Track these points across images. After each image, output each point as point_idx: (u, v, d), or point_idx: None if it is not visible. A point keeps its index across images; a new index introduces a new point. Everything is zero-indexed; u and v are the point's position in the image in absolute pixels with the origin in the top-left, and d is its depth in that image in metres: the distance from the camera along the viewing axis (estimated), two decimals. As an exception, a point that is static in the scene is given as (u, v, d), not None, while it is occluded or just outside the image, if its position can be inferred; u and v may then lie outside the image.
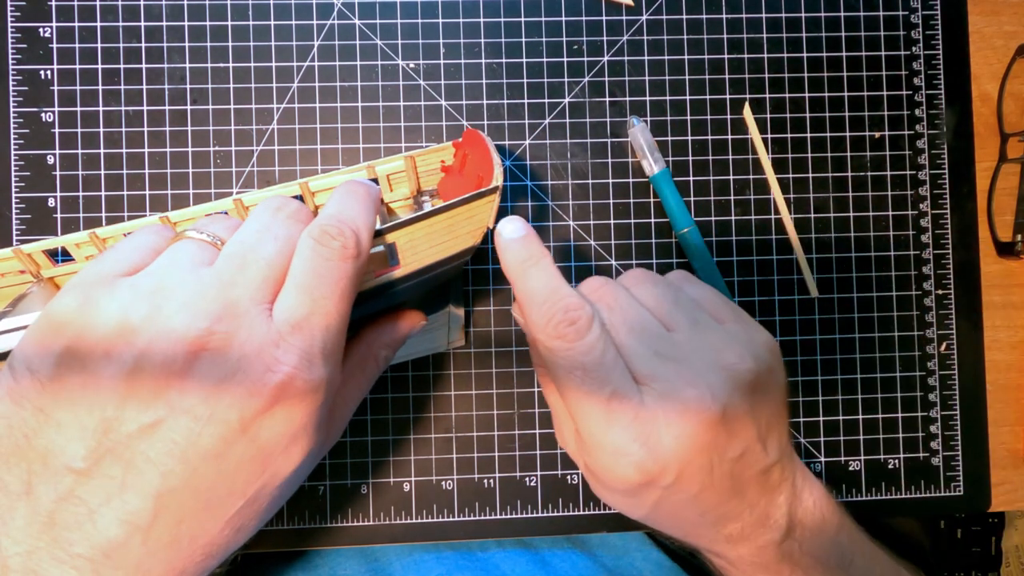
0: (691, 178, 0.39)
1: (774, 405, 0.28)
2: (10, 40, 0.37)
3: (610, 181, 0.39)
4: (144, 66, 0.37)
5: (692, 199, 0.39)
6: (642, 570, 0.40)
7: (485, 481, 0.38)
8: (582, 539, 0.42)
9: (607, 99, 0.39)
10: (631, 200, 0.39)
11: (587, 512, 0.38)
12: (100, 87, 0.37)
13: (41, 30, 0.37)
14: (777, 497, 0.28)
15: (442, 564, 0.38)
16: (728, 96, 0.39)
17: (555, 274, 0.27)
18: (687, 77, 0.39)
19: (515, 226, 0.28)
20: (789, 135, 0.39)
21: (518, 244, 0.28)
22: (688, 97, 0.39)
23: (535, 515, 0.38)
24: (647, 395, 0.26)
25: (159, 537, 0.22)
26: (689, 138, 0.39)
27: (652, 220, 0.39)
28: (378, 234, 0.26)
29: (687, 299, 0.30)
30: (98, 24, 0.37)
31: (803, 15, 0.40)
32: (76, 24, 0.37)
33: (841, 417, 0.39)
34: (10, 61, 0.37)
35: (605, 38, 0.39)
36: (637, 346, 0.27)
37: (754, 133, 0.39)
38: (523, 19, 0.39)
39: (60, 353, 0.21)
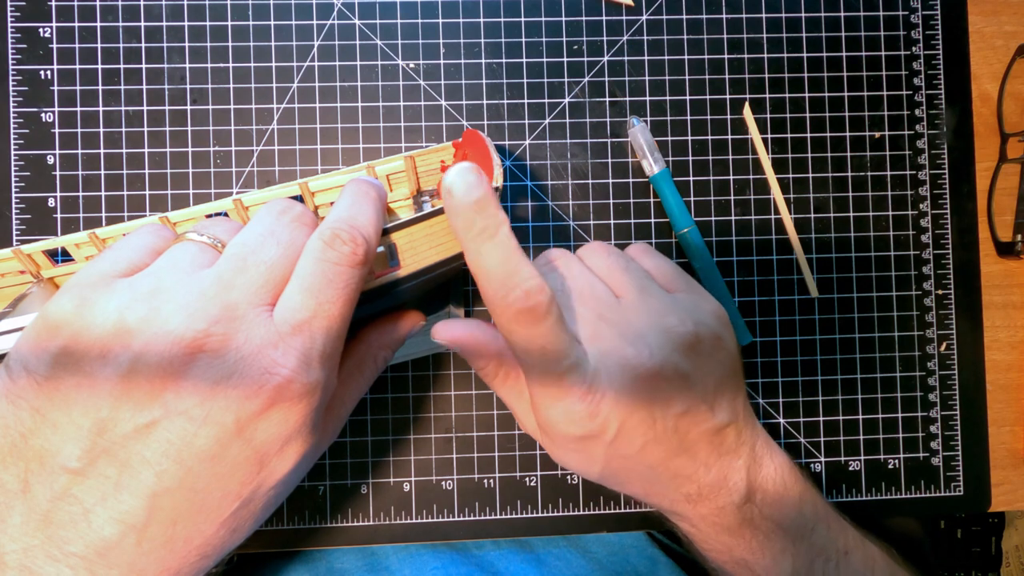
0: (691, 178, 0.39)
1: (722, 369, 0.30)
2: (10, 40, 0.37)
3: (610, 181, 0.39)
4: (144, 66, 0.37)
5: (692, 199, 0.39)
6: (638, 568, 0.40)
7: (485, 481, 0.38)
8: (578, 538, 0.42)
9: (607, 99, 0.39)
10: (631, 200, 0.39)
11: (587, 512, 0.38)
12: (100, 87, 0.37)
13: (41, 30, 0.37)
14: (735, 460, 0.29)
15: (438, 559, 0.38)
16: (728, 96, 0.39)
17: (513, 250, 0.25)
18: (687, 77, 0.39)
19: (467, 182, 0.24)
20: (789, 135, 0.39)
21: (471, 211, 0.24)
22: (688, 97, 0.39)
23: (535, 515, 0.38)
24: (590, 354, 0.28)
25: (153, 537, 0.22)
26: (689, 138, 0.39)
27: (652, 220, 0.39)
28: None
29: (637, 268, 0.31)
30: (98, 24, 0.37)
31: (803, 15, 0.40)
32: (76, 24, 0.37)
33: (841, 417, 0.39)
34: (10, 61, 0.37)
35: (605, 38, 0.39)
36: (583, 311, 0.29)
37: (754, 133, 0.39)
38: (523, 19, 0.39)
39: (56, 353, 0.21)
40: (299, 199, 0.33)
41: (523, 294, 0.25)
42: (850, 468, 0.39)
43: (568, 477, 0.38)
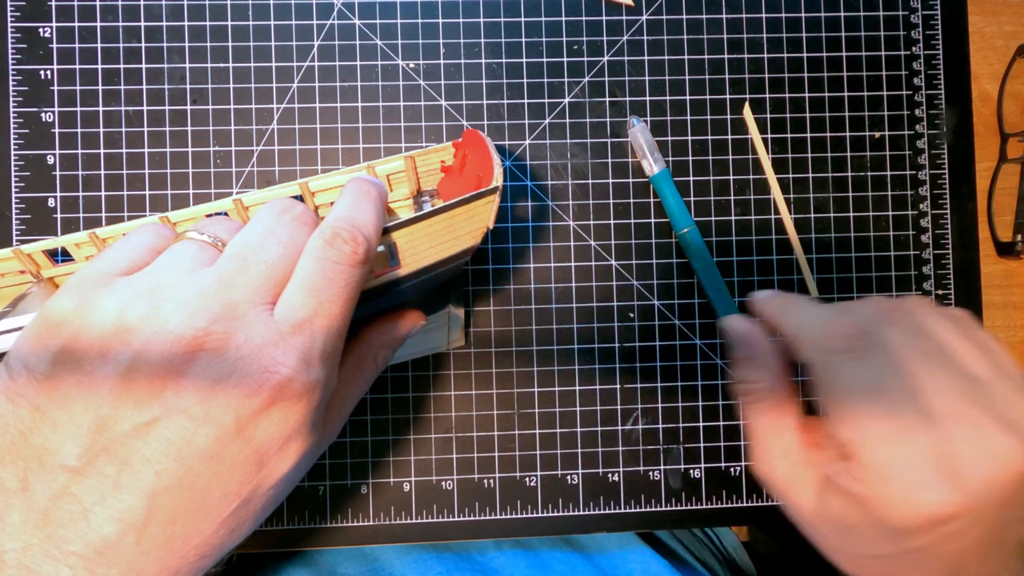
0: (691, 178, 0.39)
1: None
2: (10, 40, 0.37)
3: (610, 181, 0.39)
4: (144, 66, 0.37)
5: (692, 199, 0.39)
6: (635, 571, 0.40)
7: (485, 481, 0.38)
8: (579, 542, 0.42)
9: (607, 99, 0.39)
10: (631, 200, 0.39)
11: (587, 512, 0.38)
12: (100, 87, 0.37)
13: (41, 30, 0.37)
14: None
15: (441, 563, 0.38)
16: (728, 96, 0.39)
17: (818, 303, 0.29)
18: (687, 77, 0.39)
19: (765, 292, 0.32)
20: (789, 135, 0.39)
21: (770, 298, 0.31)
22: (688, 97, 0.39)
23: (535, 515, 0.38)
24: (955, 433, 0.24)
25: (153, 536, 0.22)
26: (689, 138, 0.39)
27: (652, 220, 0.39)
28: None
29: (983, 337, 0.28)
30: (98, 24, 0.37)
31: (803, 15, 0.40)
32: (76, 24, 0.37)
33: (841, 417, 0.39)
34: (10, 61, 0.37)
35: (605, 38, 0.39)
36: (944, 379, 0.25)
37: (754, 133, 0.39)
38: (523, 19, 0.39)
39: (56, 352, 0.21)
40: (299, 199, 0.33)
41: (846, 325, 0.27)
42: (850, 468, 0.39)
43: (568, 477, 0.38)
